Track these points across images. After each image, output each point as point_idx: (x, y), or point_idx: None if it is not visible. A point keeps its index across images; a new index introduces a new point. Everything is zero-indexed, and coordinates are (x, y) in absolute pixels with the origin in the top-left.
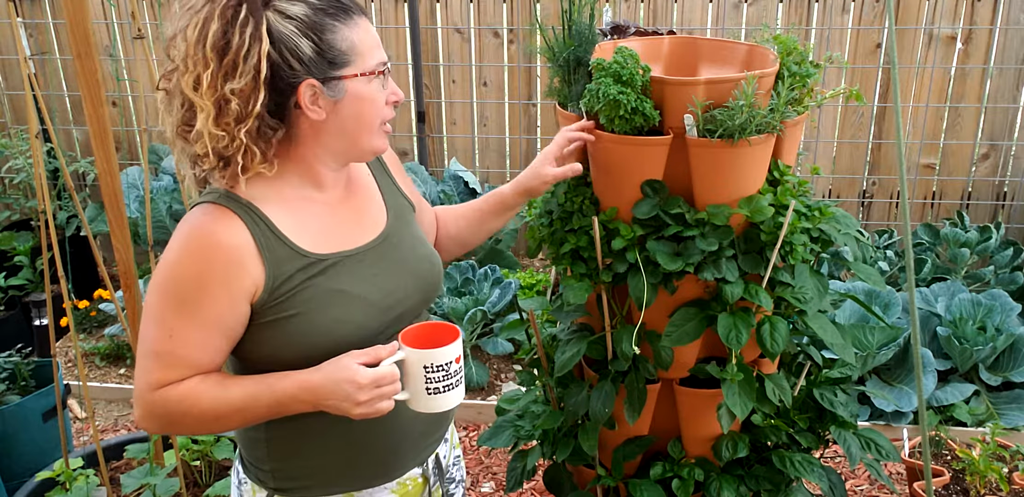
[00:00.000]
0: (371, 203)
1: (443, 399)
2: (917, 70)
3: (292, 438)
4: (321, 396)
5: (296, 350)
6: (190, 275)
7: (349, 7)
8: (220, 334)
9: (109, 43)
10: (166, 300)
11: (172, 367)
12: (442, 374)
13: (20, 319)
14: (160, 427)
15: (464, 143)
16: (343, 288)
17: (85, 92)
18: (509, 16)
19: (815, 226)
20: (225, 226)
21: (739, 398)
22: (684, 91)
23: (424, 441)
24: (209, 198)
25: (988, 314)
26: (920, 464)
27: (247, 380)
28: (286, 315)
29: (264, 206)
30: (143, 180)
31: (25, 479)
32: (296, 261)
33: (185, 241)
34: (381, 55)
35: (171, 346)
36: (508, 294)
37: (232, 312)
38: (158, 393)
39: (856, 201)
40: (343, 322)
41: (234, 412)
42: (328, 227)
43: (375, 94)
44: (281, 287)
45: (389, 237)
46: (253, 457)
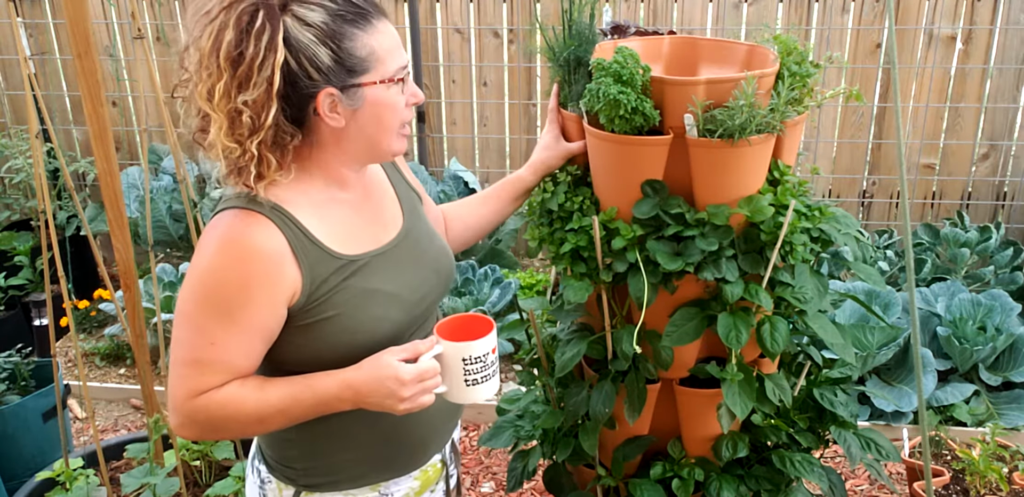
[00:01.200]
0: (387, 200)
1: (481, 389)
2: (917, 70)
3: (323, 436)
4: (364, 394)
5: (336, 350)
6: (231, 281)
7: (368, 12)
8: (260, 339)
9: (109, 43)
10: (206, 308)
11: (213, 374)
12: (480, 365)
13: (20, 319)
14: (201, 433)
15: (464, 143)
16: (377, 287)
17: (85, 92)
18: (509, 16)
19: (815, 226)
20: (261, 230)
21: (739, 398)
22: (684, 91)
23: (445, 426)
24: (236, 203)
25: (988, 314)
26: (920, 464)
27: (284, 382)
28: (325, 317)
29: (293, 209)
30: (143, 180)
31: (25, 479)
32: (330, 263)
33: (221, 247)
34: (401, 58)
35: (214, 353)
36: (508, 294)
37: (273, 317)
38: (199, 400)
39: (856, 201)
40: (381, 320)
41: (277, 413)
42: (354, 228)
43: (394, 99)
44: (318, 290)
45: (409, 233)
46: (282, 457)
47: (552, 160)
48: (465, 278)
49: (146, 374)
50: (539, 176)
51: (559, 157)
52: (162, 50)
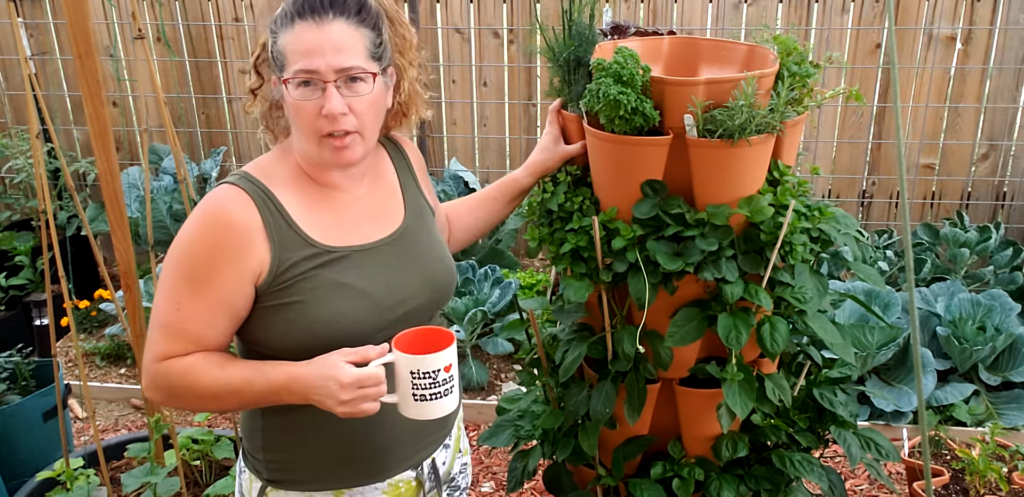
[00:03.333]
0: (391, 201)
1: (430, 407)
2: (917, 70)
3: (285, 430)
4: (309, 389)
5: (295, 338)
6: (201, 251)
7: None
8: (225, 312)
9: (110, 43)
10: (178, 274)
11: (177, 340)
12: (429, 381)
13: (20, 319)
14: (164, 398)
15: (464, 143)
16: (347, 281)
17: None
18: (509, 16)
19: (815, 226)
20: (237, 205)
21: (739, 398)
22: (684, 91)
23: (418, 444)
24: (231, 179)
25: (988, 314)
26: (920, 464)
27: (245, 364)
28: (288, 301)
29: (280, 192)
30: (143, 180)
31: (26, 479)
32: (304, 249)
33: (199, 218)
34: (308, 63)
35: (178, 319)
36: (508, 294)
37: (238, 291)
38: (163, 365)
39: (856, 201)
40: (344, 315)
41: (230, 393)
42: (343, 221)
43: (296, 103)
44: (286, 273)
45: (404, 234)
46: (251, 446)
47: (549, 162)
48: (465, 278)
49: None
50: (536, 178)
51: (556, 159)
52: (162, 50)
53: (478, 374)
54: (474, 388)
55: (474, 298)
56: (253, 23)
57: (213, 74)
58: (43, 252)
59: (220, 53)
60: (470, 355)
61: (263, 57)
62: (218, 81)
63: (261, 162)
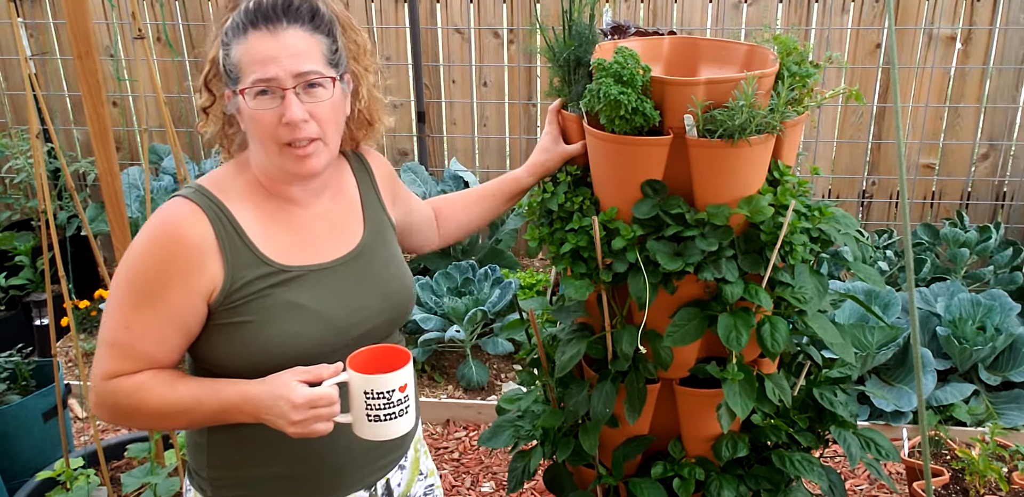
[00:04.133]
0: (350, 217)
1: (385, 428)
2: (917, 70)
3: (231, 446)
4: (260, 409)
5: (247, 358)
6: (151, 267)
7: (246, 23)
8: (176, 330)
9: (110, 43)
10: (128, 291)
11: (126, 358)
12: (383, 402)
13: (21, 319)
14: (111, 417)
15: (464, 143)
16: (302, 302)
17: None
18: (509, 16)
19: (815, 226)
20: (190, 221)
21: (739, 398)
22: (684, 91)
23: (372, 465)
24: (184, 192)
25: (987, 314)
26: (920, 464)
27: (196, 382)
28: (240, 321)
29: (235, 208)
30: (143, 180)
31: (26, 479)
32: (257, 268)
33: (150, 233)
34: (264, 72)
35: (127, 337)
36: (508, 294)
37: (189, 309)
38: (110, 383)
39: (856, 201)
40: (297, 337)
41: (180, 412)
42: (300, 239)
43: (254, 113)
44: (239, 291)
45: (363, 253)
46: (196, 463)
47: (550, 162)
48: (465, 278)
49: None
50: (536, 178)
51: (557, 159)
52: (162, 50)
53: (478, 374)
54: (474, 388)
55: (474, 298)
56: None
57: None
58: (43, 252)
59: None
60: (470, 355)
61: (213, 73)
62: None
63: (216, 176)
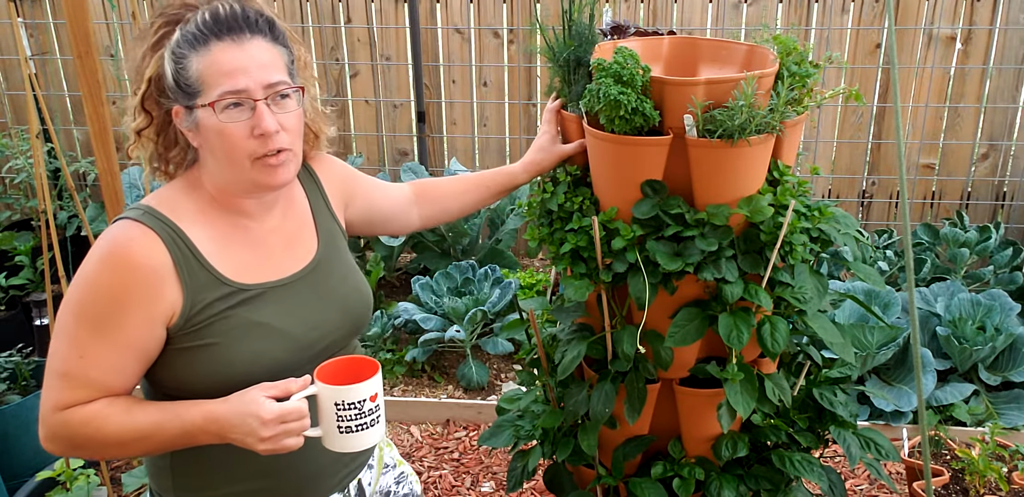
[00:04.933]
0: (304, 229)
1: (356, 438)
2: (917, 70)
3: (197, 466)
4: (227, 428)
5: (210, 380)
6: (106, 294)
7: (207, 34)
8: (134, 357)
9: (110, 43)
10: (80, 319)
11: (80, 388)
12: (355, 412)
13: (21, 319)
14: (63, 449)
15: (464, 143)
16: (264, 321)
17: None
18: (509, 16)
19: (815, 226)
20: (143, 245)
21: (739, 398)
22: (684, 91)
23: (344, 469)
24: (132, 214)
25: (987, 314)
26: (920, 464)
27: (154, 407)
28: (202, 344)
29: (189, 229)
30: (143, 180)
31: (26, 479)
32: (217, 289)
33: (102, 258)
34: (233, 84)
35: (82, 367)
36: (508, 294)
37: (148, 335)
38: (63, 414)
39: (856, 201)
40: (261, 356)
41: (139, 439)
42: (256, 256)
43: (224, 127)
44: (199, 314)
45: (319, 266)
46: (160, 486)
47: (546, 162)
48: (465, 278)
49: None
50: (531, 176)
51: (553, 159)
52: None
53: (478, 374)
54: (474, 388)
55: (474, 298)
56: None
57: None
58: (43, 252)
59: None
60: (470, 355)
61: (151, 92)
62: None
63: (163, 195)
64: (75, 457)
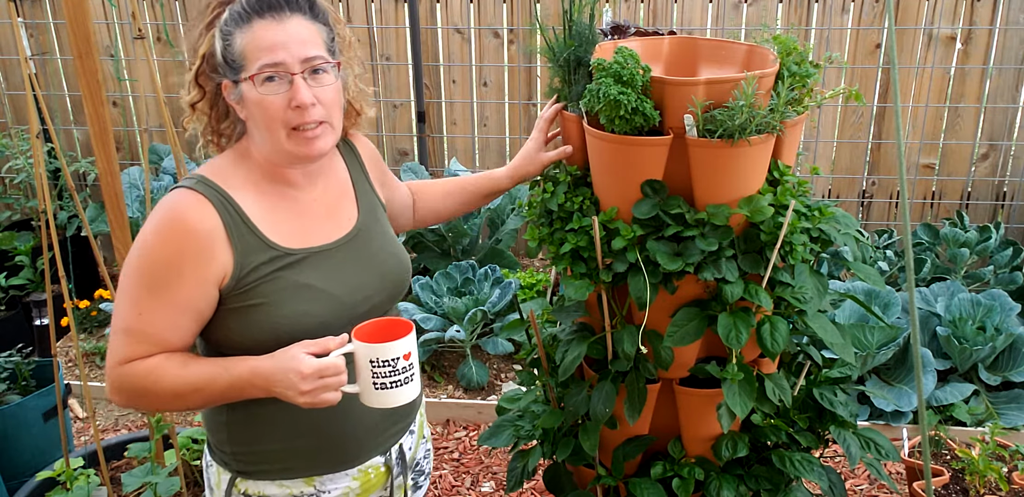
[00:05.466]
0: (345, 200)
1: (391, 395)
2: (917, 70)
3: (251, 423)
4: (271, 382)
5: (259, 338)
6: (162, 258)
7: (250, 12)
8: (188, 316)
9: (110, 43)
10: (139, 280)
11: (140, 344)
12: (388, 369)
13: (21, 319)
14: (127, 400)
15: (464, 143)
16: (309, 283)
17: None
18: (509, 16)
19: (815, 226)
20: (197, 211)
21: (739, 398)
22: (684, 91)
23: (385, 432)
24: (186, 183)
25: (988, 314)
26: (920, 464)
27: (207, 362)
28: (251, 304)
29: (238, 196)
30: (144, 180)
31: (26, 479)
32: (265, 252)
33: (159, 224)
34: (272, 57)
35: (140, 324)
36: (508, 294)
37: (201, 295)
38: (125, 368)
39: (856, 201)
40: (307, 315)
41: (193, 391)
42: (301, 223)
43: (263, 98)
44: (248, 276)
45: (360, 234)
46: (217, 440)
47: (531, 168)
48: (465, 278)
49: None
50: (516, 182)
51: (537, 167)
52: (163, 50)
53: (478, 374)
54: (474, 388)
55: (474, 298)
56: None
57: None
58: (43, 252)
59: None
60: (470, 355)
61: (203, 68)
62: None
63: (216, 165)
64: (137, 408)
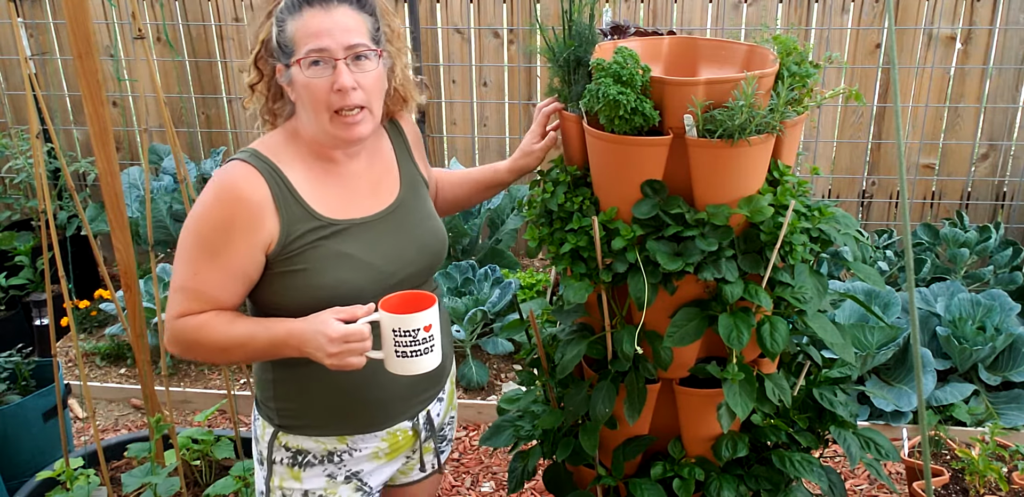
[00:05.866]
0: (387, 176)
1: (411, 363)
2: (917, 70)
3: (294, 382)
4: (303, 343)
5: (300, 302)
6: (216, 223)
7: (301, 2)
8: (237, 278)
9: (110, 43)
10: (195, 244)
11: (194, 301)
12: (409, 339)
13: (20, 319)
14: (181, 351)
15: (464, 143)
16: (349, 252)
17: (86, 92)
18: (509, 16)
19: (815, 226)
20: (249, 182)
21: (739, 398)
22: (684, 91)
23: (413, 398)
24: (240, 156)
25: (987, 314)
26: (920, 464)
27: (251, 321)
28: (295, 269)
29: (287, 169)
30: (143, 180)
31: (25, 479)
32: (309, 222)
33: (214, 193)
34: (317, 43)
35: (195, 283)
36: (508, 294)
37: (249, 259)
38: (180, 321)
39: (856, 201)
40: (345, 282)
41: (236, 346)
42: (344, 196)
43: (309, 81)
44: (293, 243)
45: (400, 208)
46: (263, 396)
47: (527, 159)
48: (465, 278)
49: (146, 374)
50: (515, 175)
51: (532, 159)
52: (162, 50)
53: (478, 374)
54: (474, 388)
55: (474, 298)
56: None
57: (213, 74)
58: (43, 252)
59: (220, 53)
60: (470, 355)
61: (262, 52)
62: (218, 81)
63: (268, 141)
64: (190, 358)
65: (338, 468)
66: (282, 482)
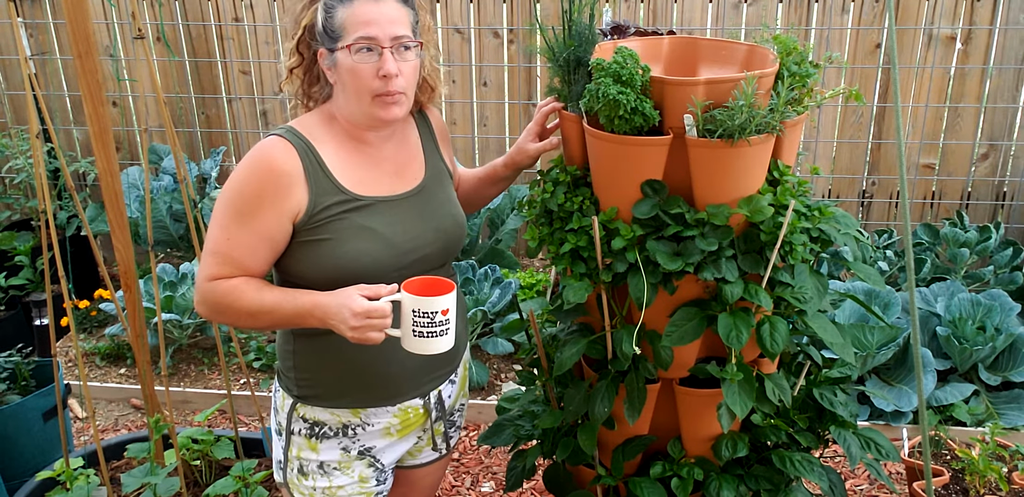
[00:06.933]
0: (413, 161)
1: (427, 343)
2: (917, 70)
3: (313, 353)
4: (327, 315)
5: (322, 271)
6: (249, 191)
7: None
8: (266, 244)
9: (109, 43)
10: (229, 209)
11: (225, 265)
12: (427, 321)
13: (20, 319)
14: (209, 313)
15: (464, 143)
16: (371, 226)
17: (85, 92)
18: (509, 16)
19: (815, 226)
20: (282, 155)
21: (739, 398)
22: (684, 91)
23: (424, 377)
24: (278, 131)
25: (987, 314)
26: (920, 464)
27: (279, 290)
28: (319, 238)
29: (319, 146)
30: (143, 180)
31: (25, 479)
32: (335, 195)
33: (250, 163)
34: (367, 31)
35: (227, 248)
36: (508, 294)
37: (278, 227)
38: (211, 284)
39: (856, 201)
40: (364, 254)
41: (263, 312)
42: (371, 175)
43: (356, 66)
44: (319, 214)
45: (422, 191)
46: (284, 366)
47: (521, 156)
48: (465, 278)
49: (146, 374)
50: (510, 169)
51: (525, 158)
52: (162, 50)
53: (478, 374)
54: (474, 388)
55: (474, 298)
56: (254, 23)
57: (213, 74)
58: (43, 252)
59: (220, 53)
60: (470, 355)
61: (305, 37)
62: (218, 81)
63: (305, 121)
64: (217, 321)
65: (352, 442)
66: (299, 452)
